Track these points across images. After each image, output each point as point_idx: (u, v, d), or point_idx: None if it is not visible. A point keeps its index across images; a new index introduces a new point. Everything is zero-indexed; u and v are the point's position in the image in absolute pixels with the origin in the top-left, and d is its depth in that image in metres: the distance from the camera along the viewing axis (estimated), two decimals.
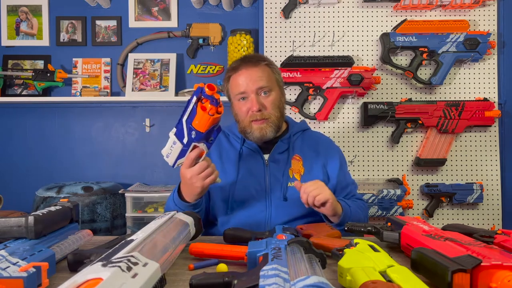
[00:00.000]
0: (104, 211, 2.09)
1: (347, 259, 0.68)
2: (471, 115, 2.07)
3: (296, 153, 1.31)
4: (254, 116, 1.26)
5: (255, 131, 1.27)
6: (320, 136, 1.45)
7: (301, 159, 1.31)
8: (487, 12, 2.15)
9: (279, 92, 1.31)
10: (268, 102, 1.27)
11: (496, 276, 0.59)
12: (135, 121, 2.44)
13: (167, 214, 0.90)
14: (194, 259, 0.85)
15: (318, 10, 2.18)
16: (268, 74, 1.29)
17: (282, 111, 1.32)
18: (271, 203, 1.26)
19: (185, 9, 2.41)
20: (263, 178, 1.28)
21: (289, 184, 1.26)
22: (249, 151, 1.33)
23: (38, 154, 2.44)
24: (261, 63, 1.30)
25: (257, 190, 1.27)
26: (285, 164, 1.29)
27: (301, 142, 1.36)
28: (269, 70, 1.30)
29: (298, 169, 1.29)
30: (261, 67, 1.29)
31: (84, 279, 0.46)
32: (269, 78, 1.28)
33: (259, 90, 1.26)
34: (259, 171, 1.29)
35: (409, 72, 2.10)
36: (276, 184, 1.27)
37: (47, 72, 2.31)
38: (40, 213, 0.80)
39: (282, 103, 1.33)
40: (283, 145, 1.33)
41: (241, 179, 1.28)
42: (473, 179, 2.14)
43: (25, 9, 2.44)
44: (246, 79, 1.26)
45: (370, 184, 2.14)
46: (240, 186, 1.27)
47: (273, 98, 1.28)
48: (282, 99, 1.33)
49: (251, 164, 1.30)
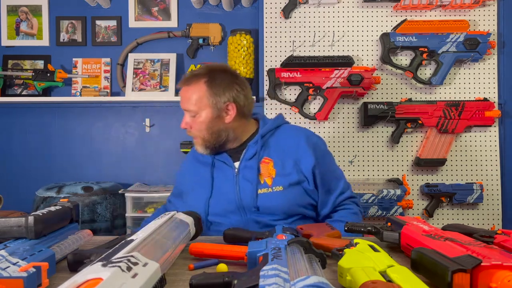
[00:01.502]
0: (104, 211, 2.09)
1: (347, 259, 0.68)
2: (471, 115, 2.07)
3: (264, 156, 1.27)
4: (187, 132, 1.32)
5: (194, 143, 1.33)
6: (293, 130, 1.36)
7: (271, 161, 1.26)
8: (487, 12, 2.15)
9: (209, 114, 1.25)
10: (194, 123, 1.27)
11: (496, 276, 0.59)
12: (135, 121, 2.44)
13: (167, 214, 0.90)
14: (194, 259, 0.85)
15: (318, 10, 2.18)
16: (198, 96, 1.24)
17: (213, 131, 1.26)
18: (246, 212, 1.24)
19: (185, 9, 2.41)
20: (233, 189, 1.26)
21: (260, 191, 1.23)
22: (219, 162, 1.31)
23: (38, 154, 2.44)
24: (193, 83, 1.26)
25: (229, 201, 1.25)
26: (255, 170, 1.25)
27: (272, 142, 1.30)
28: (203, 90, 1.25)
29: (269, 172, 1.25)
30: (191, 88, 1.26)
31: (84, 279, 0.46)
32: (197, 102, 1.24)
33: (186, 112, 1.28)
34: (230, 182, 1.27)
35: (409, 72, 2.10)
36: (246, 193, 1.24)
37: (47, 72, 2.31)
38: (40, 213, 0.80)
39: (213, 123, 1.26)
40: (252, 150, 1.28)
41: (214, 194, 1.28)
42: (473, 179, 2.14)
43: (25, 9, 2.44)
44: (180, 98, 1.30)
45: (370, 184, 2.13)
46: (214, 201, 1.27)
47: (200, 121, 1.25)
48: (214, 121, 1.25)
49: (223, 175, 1.29)
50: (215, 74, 1.27)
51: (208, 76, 1.26)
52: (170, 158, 2.42)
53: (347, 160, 2.15)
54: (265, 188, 1.24)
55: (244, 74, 2.22)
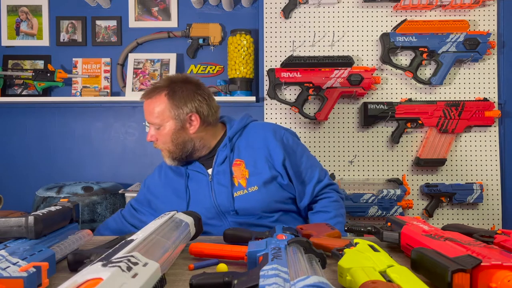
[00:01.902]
0: (104, 211, 2.09)
1: (347, 259, 0.68)
2: (471, 115, 2.08)
3: (235, 158, 1.27)
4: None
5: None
6: (260, 127, 1.35)
7: (242, 162, 1.27)
8: (487, 12, 2.15)
9: (173, 126, 1.25)
10: (159, 136, 1.28)
11: (496, 276, 0.59)
12: (135, 121, 2.44)
13: (167, 214, 0.90)
14: (194, 259, 0.85)
15: (318, 10, 2.18)
16: (161, 109, 1.25)
17: (178, 142, 1.27)
18: (225, 217, 1.25)
19: (185, 9, 2.41)
20: (209, 196, 1.26)
21: (235, 194, 1.24)
22: (193, 172, 1.32)
23: (38, 154, 2.44)
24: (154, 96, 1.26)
25: (207, 209, 1.25)
26: (227, 173, 1.25)
27: (241, 142, 1.30)
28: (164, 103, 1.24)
29: (242, 173, 1.25)
30: (153, 101, 1.26)
31: (84, 279, 0.46)
32: (159, 114, 1.25)
33: (151, 124, 1.29)
34: (205, 190, 1.27)
35: (409, 72, 2.10)
36: (222, 198, 1.25)
37: (47, 72, 2.31)
38: (40, 213, 0.80)
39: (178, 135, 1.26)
40: (222, 154, 1.29)
41: (191, 203, 1.28)
42: (473, 179, 2.14)
43: (25, 9, 2.44)
44: (144, 112, 1.30)
45: (370, 184, 2.14)
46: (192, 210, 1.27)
47: (165, 133, 1.26)
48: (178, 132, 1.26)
49: (197, 185, 1.29)
50: (176, 86, 1.26)
51: (168, 88, 1.26)
52: None
53: (347, 160, 2.15)
54: (241, 190, 1.24)
55: (244, 74, 2.22)
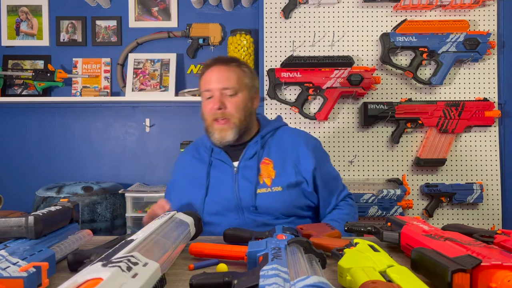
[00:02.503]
0: (104, 211, 2.09)
1: (347, 259, 0.68)
2: (471, 115, 2.07)
3: (265, 157, 1.28)
4: (215, 115, 1.26)
5: (215, 131, 1.27)
6: (292, 132, 1.39)
7: (271, 162, 1.27)
8: (487, 12, 2.15)
9: (246, 95, 1.29)
10: (231, 102, 1.26)
11: (496, 276, 0.59)
12: (135, 121, 2.44)
13: (167, 214, 0.90)
14: (194, 259, 0.85)
15: (318, 10, 2.18)
16: (237, 76, 1.28)
17: (247, 114, 1.29)
18: (243, 212, 1.24)
19: (185, 9, 2.41)
20: (232, 188, 1.26)
21: (259, 190, 1.24)
22: (217, 161, 1.31)
23: (38, 154, 2.44)
24: (232, 64, 1.30)
25: (228, 200, 1.25)
26: (255, 170, 1.26)
27: (272, 142, 1.32)
28: (240, 72, 1.29)
29: (268, 173, 1.26)
30: (231, 68, 1.28)
31: (84, 279, 0.46)
32: (238, 81, 1.27)
33: (224, 90, 1.26)
34: (228, 181, 1.27)
35: (409, 72, 2.10)
36: (245, 193, 1.24)
37: (47, 72, 2.31)
38: (40, 213, 0.80)
39: (249, 107, 1.30)
40: (252, 150, 1.29)
41: (211, 192, 1.27)
42: (473, 179, 2.14)
43: (25, 9, 2.44)
44: (214, 78, 1.27)
45: (370, 184, 2.14)
46: (210, 199, 1.27)
47: (238, 100, 1.26)
48: (249, 103, 1.30)
49: (220, 174, 1.29)
50: (245, 62, 1.38)
51: (241, 62, 1.35)
52: (170, 158, 2.41)
53: (347, 160, 2.15)
54: (264, 188, 1.24)
55: None
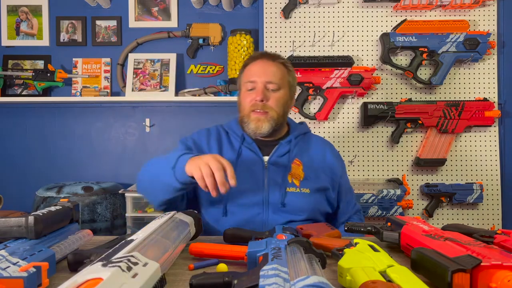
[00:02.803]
0: (104, 211, 2.09)
1: (347, 259, 0.68)
2: (471, 115, 2.07)
3: (296, 157, 1.29)
4: (255, 105, 1.25)
5: (251, 121, 1.26)
6: (320, 139, 1.43)
7: (301, 164, 1.28)
8: (487, 12, 2.15)
9: (287, 93, 1.31)
10: (273, 97, 1.27)
11: (496, 276, 0.59)
12: (135, 121, 2.44)
13: (167, 214, 0.90)
14: (194, 259, 0.85)
15: (318, 10, 2.18)
16: (282, 72, 1.30)
17: (285, 111, 1.31)
18: (268, 207, 1.23)
19: (185, 9, 2.41)
20: (261, 182, 1.25)
21: (287, 189, 1.24)
22: (248, 151, 1.29)
23: (38, 154, 2.44)
24: (278, 60, 1.32)
25: (255, 193, 1.24)
26: (285, 168, 1.26)
27: (302, 145, 1.33)
28: (284, 69, 1.31)
29: (298, 174, 1.26)
30: (277, 64, 1.30)
31: (84, 279, 0.46)
32: (281, 77, 1.29)
33: (268, 84, 1.26)
34: (258, 174, 1.25)
35: (409, 72, 2.10)
36: (274, 189, 1.24)
37: (47, 72, 2.31)
38: (40, 213, 0.80)
39: (288, 104, 1.32)
40: (284, 148, 1.30)
41: (238, 181, 1.21)
42: (473, 179, 2.14)
43: (25, 9, 2.44)
44: (259, 70, 1.28)
45: (370, 184, 2.13)
46: (237, 188, 1.21)
47: (279, 96, 1.28)
48: (289, 101, 1.33)
49: (250, 165, 1.27)
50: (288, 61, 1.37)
51: (289, 62, 1.36)
52: None
53: (347, 160, 2.15)
54: (293, 187, 1.24)
55: None
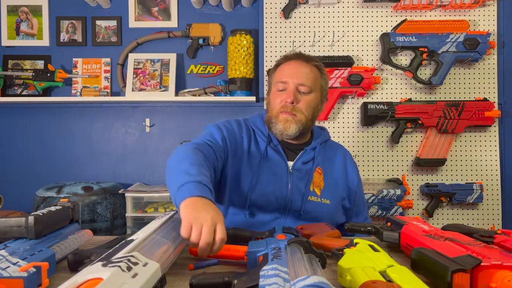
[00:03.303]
0: (104, 211, 2.09)
1: (347, 259, 0.68)
2: (471, 115, 2.07)
3: (319, 166, 1.26)
4: (285, 107, 1.22)
5: (280, 121, 1.22)
6: (338, 145, 1.40)
7: (322, 173, 1.26)
8: (487, 12, 2.15)
9: (319, 96, 1.27)
10: (304, 100, 1.23)
11: (496, 276, 0.59)
12: (135, 121, 2.44)
13: (167, 214, 0.90)
14: (194, 259, 0.85)
15: (318, 10, 2.18)
16: (315, 75, 1.26)
17: (314, 115, 1.27)
18: (288, 213, 1.21)
19: (185, 9, 2.41)
20: (285, 187, 1.21)
21: (309, 198, 1.21)
22: (273, 152, 1.25)
23: (38, 154, 2.43)
24: (312, 63, 1.28)
25: (277, 197, 1.21)
26: (308, 175, 1.23)
27: (324, 154, 1.31)
28: (317, 73, 1.28)
29: (319, 183, 1.24)
30: (311, 67, 1.27)
31: (84, 279, 0.46)
32: (314, 80, 1.25)
33: (300, 86, 1.23)
34: (282, 178, 1.22)
35: (409, 72, 2.10)
36: (297, 196, 1.21)
37: (47, 72, 2.31)
38: (40, 213, 0.80)
39: (317, 109, 1.28)
40: (309, 155, 1.27)
41: (262, 182, 1.21)
42: (473, 179, 2.14)
43: (25, 9, 2.44)
44: (292, 71, 1.25)
45: (370, 184, 2.13)
46: (260, 190, 1.21)
47: (310, 99, 1.24)
48: (319, 106, 1.28)
49: (274, 168, 1.23)
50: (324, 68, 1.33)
51: (322, 66, 1.32)
52: None
53: None
54: (314, 196, 1.22)
55: (244, 74, 2.22)
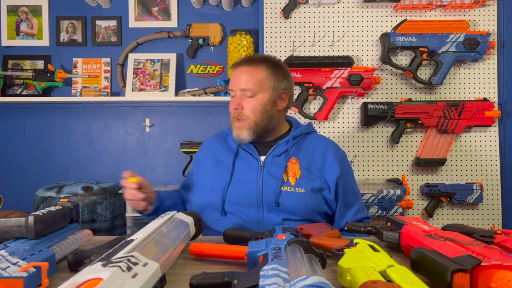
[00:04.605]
0: (104, 211, 2.09)
1: (347, 259, 0.68)
2: (471, 115, 2.07)
3: (292, 156, 1.29)
4: (234, 114, 1.29)
5: (234, 129, 1.31)
6: (323, 139, 1.41)
7: (298, 162, 1.28)
8: (487, 12, 2.15)
9: (267, 97, 1.27)
10: (247, 104, 1.27)
11: (496, 276, 0.59)
12: (135, 121, 2.44)
13: (167, 214, 0.90)
14: (194, 259, 0.85)
15: (318, 10, 2.18)
16: (259, 77, 1.27)
17: (264, 116, 1.28)
18: (263, 206, 1.24)
19: (185, 9, 2.41)
20: (255, 182, 1.27)
21: (282, 188, 1.24)
22: (245, 152, 1.32)
23: (38, 154, 2.44)
24: (257, 64, 1.29)
25: (249, 193, 1.25)
26: (281, 167, 1.27)
27: (302, 145, 1.33)
28: (263, 73, 1.27)
29: (294, 172, 1.27)
30: (255, 69, 1.28)
31: (84, 279, 0.46)
32: (258, 81, 1.26)
33: (243, 91, 1.27)
34: (252, 174, 1.28)
35: (409, 72, 2.10)
36: (268, 188, 1.25)
37: (47, 72, 2.31)
38: (40, 213, 0.80)
39: (268, 109, 1.28)
40: (281, 148, 1.31)
41: (234, 181, 1.28)
42: (473, 179, 2.14)
43: (25, 9, 2.44)
44: (235, 78, 1.29)
45: (370, 184, 2.13)
46: (233, 189, 1.27)
47: (256, 102, 1.26)
48: (268, 105, 1.28)
49: (246, 166, 1.30)
50: (277, 61, 1.33)
51: (271, 62, 1.32)
52: (170, 158, 2.42)
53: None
54: (288, 186, 1.25)
55: None
